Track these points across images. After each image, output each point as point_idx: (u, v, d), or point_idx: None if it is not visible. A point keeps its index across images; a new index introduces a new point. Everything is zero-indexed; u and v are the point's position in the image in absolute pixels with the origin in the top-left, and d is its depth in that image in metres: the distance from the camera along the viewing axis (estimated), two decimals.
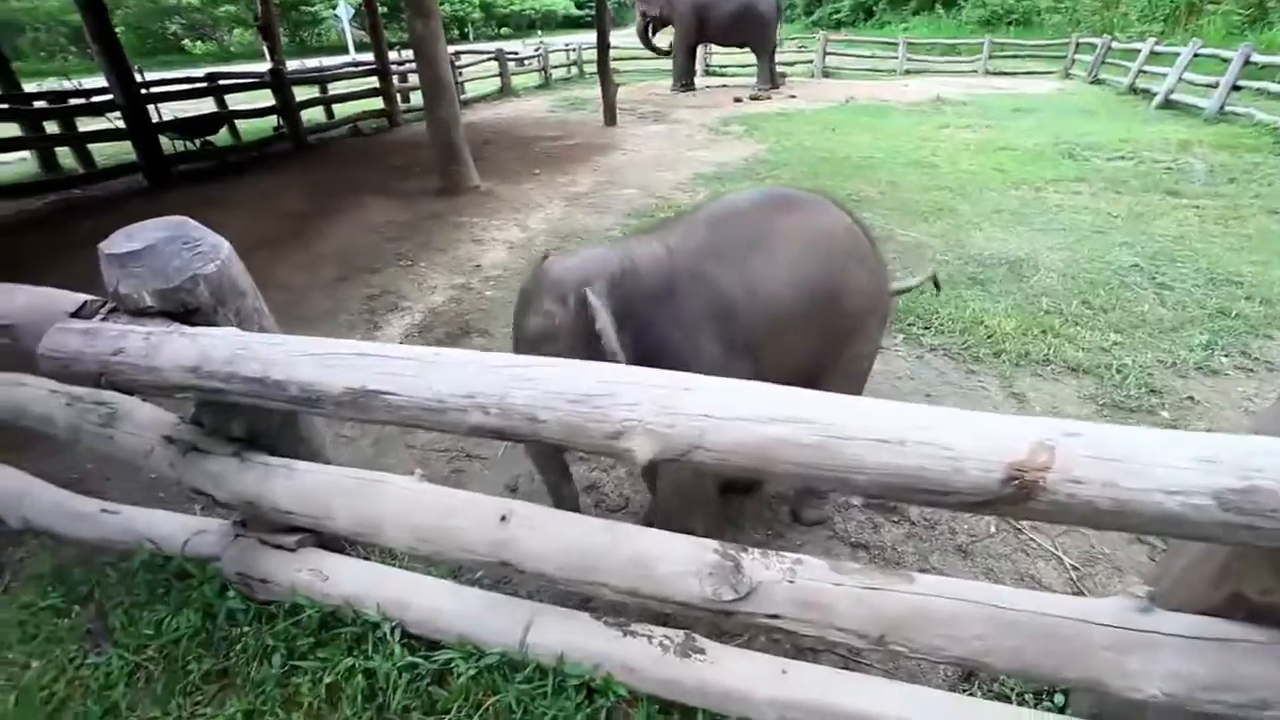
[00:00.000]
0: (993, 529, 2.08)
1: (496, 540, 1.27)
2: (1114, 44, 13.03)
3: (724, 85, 14.93)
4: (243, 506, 1.49)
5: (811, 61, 16.29)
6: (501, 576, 1.81)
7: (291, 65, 11.33)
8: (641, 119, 10.61)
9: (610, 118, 9.86)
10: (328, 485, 1.42)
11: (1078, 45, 14.48)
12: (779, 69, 14.01)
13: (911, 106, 10.78)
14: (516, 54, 15.75)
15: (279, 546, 1.66)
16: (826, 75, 15.95)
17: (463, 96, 12.14)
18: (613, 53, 19.25)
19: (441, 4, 39.02)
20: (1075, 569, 1.90)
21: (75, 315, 1.32)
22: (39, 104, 8.14)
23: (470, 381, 1.02)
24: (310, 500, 1.41)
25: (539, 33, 37.00)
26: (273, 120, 9.50)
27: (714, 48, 16.07)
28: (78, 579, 1.91)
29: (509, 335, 3.38)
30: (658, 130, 9.60)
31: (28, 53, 23.84)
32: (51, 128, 8.16)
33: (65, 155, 8.46)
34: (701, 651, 1.35)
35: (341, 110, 10.91)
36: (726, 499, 2.23)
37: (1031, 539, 2.02)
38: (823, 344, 1.77)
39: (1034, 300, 3.61)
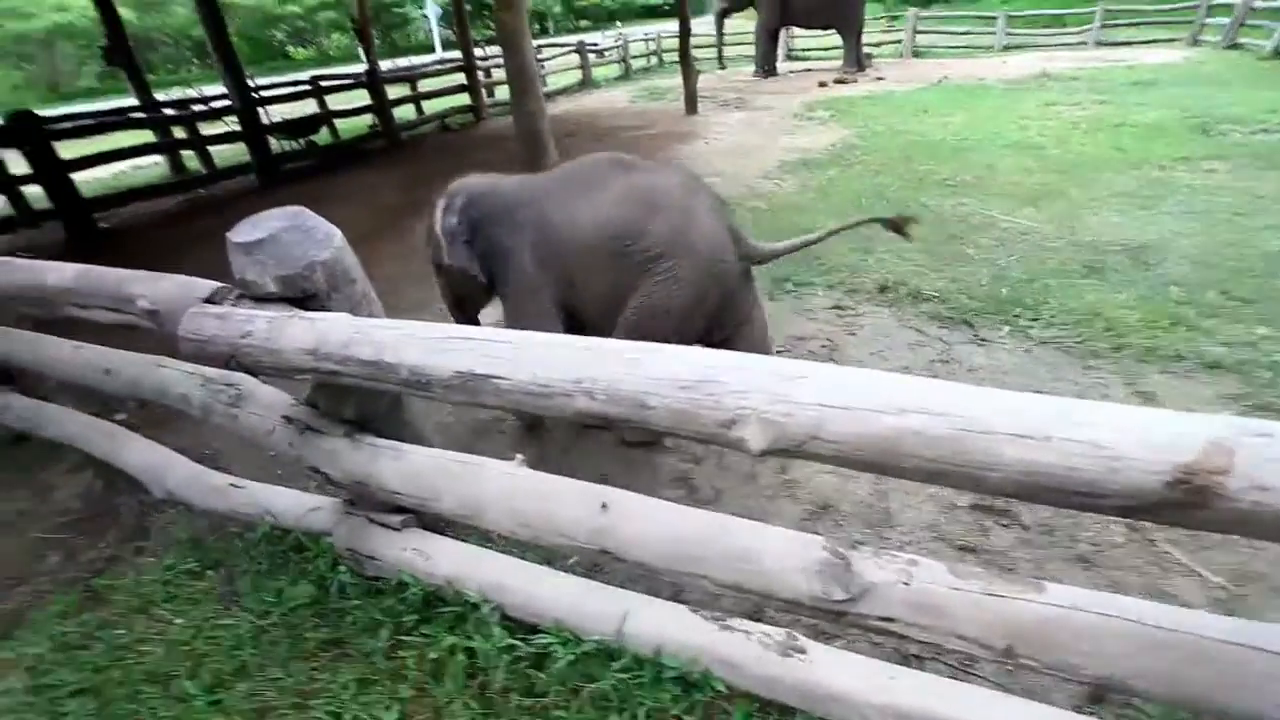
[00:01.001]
0: (1119, 538, 1.91)
1: (596, 527, 1.27)
2: (1256, 0, 11.57)
3: (808, 70, 14.48)
4: (353, 485, 1.57)
5: (900, 41, 15.52)
6: (598, 564, 1.82)
7: (383, 65, 11.88)
8: (723, 106, 10.43)
9: (691, 106, 9.76)
10: (432, 467, 1.46)
11: (1209, 7, 13.03)
12: (865, 50, 13.44)
13: (1012, 84, 10.07)
14: (596, 45, 15.87)
15: (385, 525, 1.73)
16: (916, 55, 15.16)
17: (545, 90, 12.34)
18: (693, 40, 19.12)
19: None
20: (1224, 588, 1.71)
21: (208, 301, 1.42)
22: (168, 111, 8.90)
23: (577, 366, 1.02)
24: (416, 481, 1.46)
25: (618, 23, 37.10)
26: (368, 119, 10.00)
27: (796, 31, 15.59)
28: (211, 546, 2.07)
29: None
30: (740, 117, 9.42)
31: (158, 65, 26.15)
32: (178, 133, 8.93)
33: (191, 158, 9.24)
34: (802, 651, 1.31)
35: (430, 107, 11.34)
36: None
37: (1167, 551, 1.84)
38: (617, 279, 2.12)
39: (1161, 290, 3.29)
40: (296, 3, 30.50)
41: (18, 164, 6.49)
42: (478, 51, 12.39)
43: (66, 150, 6.60)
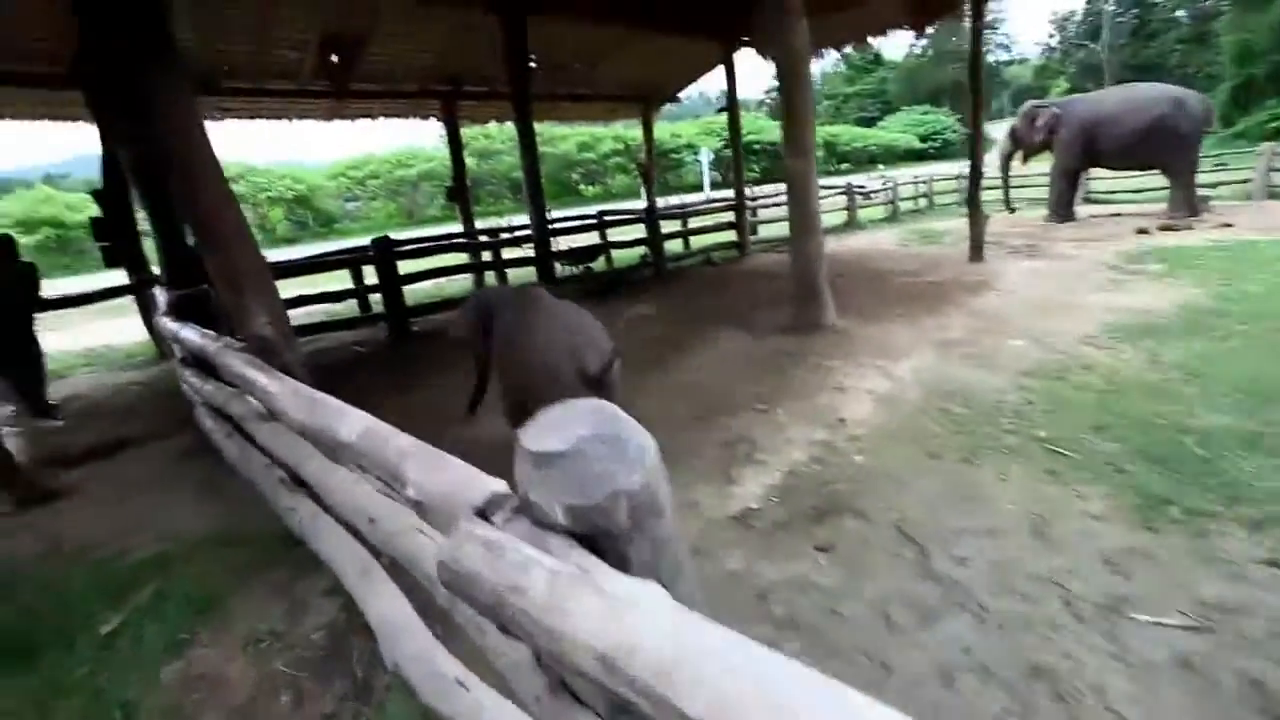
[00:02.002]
0: None
1: None
2: None
3: (1115, 214, 12.58)
4: None
5: (1248, 181, 12.76)
6: None
7: (658, 202, 12.94)
8: (1013, 253, 9.26)
9: (977, 252, 8.80)
10: None
11: None
12: (1199, 192, 11.23)
13: None
14: (864, 187, 15.72)
15: None
16: (1275, 198, 12.28)
17: None
18: (967, 183, 18.10)
19: None
20: None
21: (480, 513, 1.09)
22: (482, 238, 10.51)
23: None
24: None
25: (880, 167, 37.30)
26: (641, 250, 10.76)
27: (1096, 170, 13.69)
28: None
29: (892, 520, 2.64)
30: (1037, 267, 8.20)
31: (484, 198, 32.38)
32: (486, 255, 10.44)
33: (490, 276, 10.69)
34: None
35: (696, 241, 11.91)
36: None
37: None
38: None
39: None
40: (593, 150, 36.04)
41: (370, 275, 7.97)
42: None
43: (406, 266, 7.97)
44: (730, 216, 11.82)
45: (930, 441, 3.53)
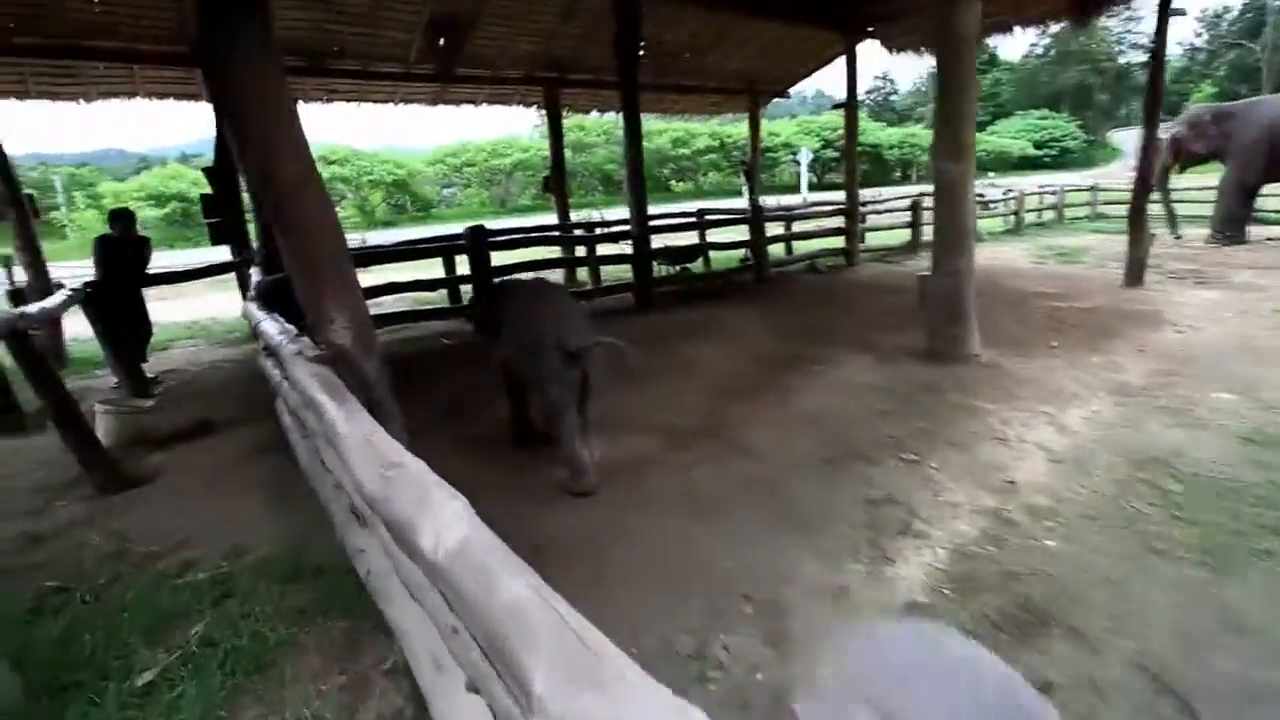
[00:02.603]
0: None
1: None
2: None
3: None
4: None
5: None
6: None
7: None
8: (1176, 279, 7.97)
9: (1135, 276, 7.60)
10: None
11: None
12: None
13: None
14: (983, 196, 14.34)
15: None
16: None
17: (922, 238, 11.21)
18: (1102, 195, 16.28)
19: (891, 149, 39.97)
20: None
21: None
22: (577, 232, 10.11)
23: None
24: None
25: (990, 174, 34.75)
26: (741, 253, 10.06)
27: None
28: None
29: (1128, 652, 1.94)
30: (1214, 298, 6.94)
31: (574, 190, 32.44)
32: (580, 249, 10.03)
33: (582, 270, 10.29)
34: None
35: (799, 246, 11.09)
36: None
37: None
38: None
39: None
40: (687, 146, 35.38)
41: (463, 265, 7.71)
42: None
43: (499, 257, 7.64)
44: (837, 221, 10.93)
45: (1145, 529, 2.74)
